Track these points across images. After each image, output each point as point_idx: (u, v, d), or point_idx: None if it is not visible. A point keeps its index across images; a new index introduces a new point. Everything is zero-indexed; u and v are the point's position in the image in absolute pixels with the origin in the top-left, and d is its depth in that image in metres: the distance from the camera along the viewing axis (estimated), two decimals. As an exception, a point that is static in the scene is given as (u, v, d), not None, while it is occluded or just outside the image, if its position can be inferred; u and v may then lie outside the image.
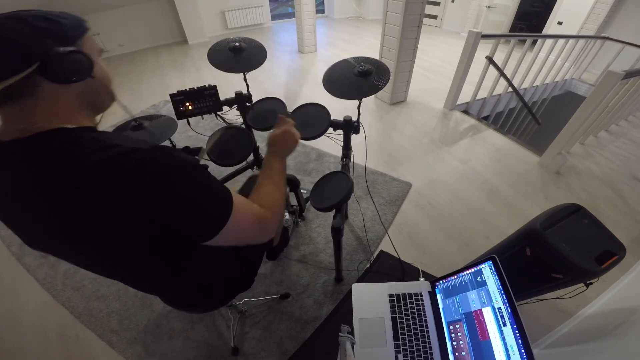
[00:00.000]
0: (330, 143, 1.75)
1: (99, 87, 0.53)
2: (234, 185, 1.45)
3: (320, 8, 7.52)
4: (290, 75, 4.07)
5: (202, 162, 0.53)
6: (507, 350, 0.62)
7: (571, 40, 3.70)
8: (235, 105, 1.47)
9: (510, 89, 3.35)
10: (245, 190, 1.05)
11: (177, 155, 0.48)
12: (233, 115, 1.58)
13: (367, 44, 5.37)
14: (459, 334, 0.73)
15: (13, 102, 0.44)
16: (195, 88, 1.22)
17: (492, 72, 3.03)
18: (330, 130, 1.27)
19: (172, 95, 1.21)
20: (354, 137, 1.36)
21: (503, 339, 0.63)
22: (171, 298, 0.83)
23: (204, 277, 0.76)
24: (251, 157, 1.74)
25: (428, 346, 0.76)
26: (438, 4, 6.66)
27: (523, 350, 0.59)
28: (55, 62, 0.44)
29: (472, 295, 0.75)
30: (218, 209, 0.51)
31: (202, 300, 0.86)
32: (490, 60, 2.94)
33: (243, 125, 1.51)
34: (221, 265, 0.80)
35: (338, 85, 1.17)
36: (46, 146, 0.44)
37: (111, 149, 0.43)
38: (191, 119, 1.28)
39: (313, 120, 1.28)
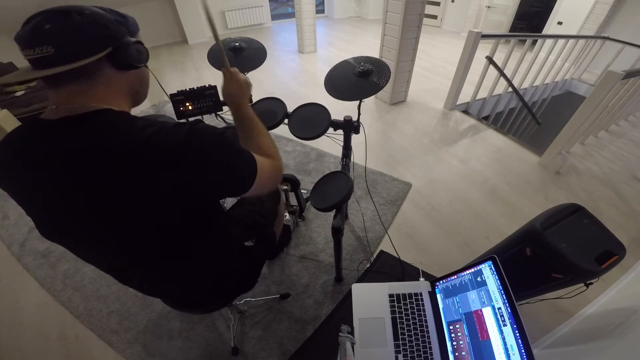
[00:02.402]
0: (330, 143, 1.74)
1: (145, 77, 0.61)
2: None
3: (320, 8, 7.51)
4: (290, 75, 4.07)
5: None
6: (507, 350, 0.62)
7: (571, 40, 3.70)
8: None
9: (510, 89, 3.35)
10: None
11: (214, 129, 0.53)
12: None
13: (367, 44, 5.37)
14: (459, 334, 0.73)
15: (72, 82, 0.48)
16: (195, 88, 1.22)
17: (492, 72, 3.03)
18: (331, 130, 1.27)
19: (172, 95, 1.20)
20: (354, 137, 1.36)
21: (503, 339, 0.63)
22: (174, 298, 0.83)
23: (209, 276, 0.76)
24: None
25: (428, 346, 0.76)
26: (438, 4, 6.66)
27: (523, 350, 0.59)
28: (124, 50, 0.51)
29: (472, 295, 0.75)
30: (250, 169, 0.58)
31: (206, 300, 0.86)
32: (490, 60, 2.94)
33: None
34: (226, 263, 0.80)
35: (339, 87, 1.16)
36: (102, 121, 0.48)
37: (160, 124, 0.48)
38: (191, 119, 1.28)
39: (313, 120, 1.28)
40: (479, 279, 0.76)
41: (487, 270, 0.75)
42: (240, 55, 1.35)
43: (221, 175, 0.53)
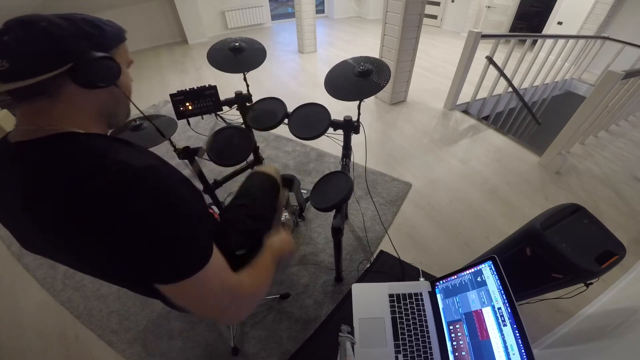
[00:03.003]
0: (330, 143, 1.75)
1: (119, 97, 0.53)
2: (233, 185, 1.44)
3: (320, 8, 7.51)
4: (290, 75, 4.07)
5: (202, 159, 0.52)
6: (507, 350, 0.62)
7: (571, 40, 3.70)
8: (235, 105, 1.47)
9: (510, 89, 3.35)
10: (245, 186, 1.02)
11: (175, 182, 0.46)
12: (233, 115, 1.58)
13: (367, 44, 5.37)
14: (459, 333, 0.73)
15: (32, 100, 0.44)
16: (195, 88, 1.22)
17: (492, 72, 3.03)
18: (331, 130, 1.26)
19: (172, 95, 1.20)
20: (354, 137, 1.36)
21: (503, 339, 0.63)
22: (168, 305, 0.82)
23: None
24: (251, 157, 1.73)
25: (428, 346, 0.76)
26: (438, 4, 6.66)
27: (523, 350, 0.59)
28: (86, 66, 0.44)
29: (472, 295, 0.75)
30: (191, 251, 0.45)
31: None
32: (490, 60, 2.94)
33: (243, 125, 1.51)
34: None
35: (339, 87, 1.16)
36: (56, 149, 0.43)
37: (108, 160, 0.42)
38: (191, 119, 1.28)
39: (313, 120, 1.28)
40: (479, 279, 0.76)
41: (487, 270, 0.75)
42: (240, 55, 1.36)
43: (138, 235, 0.41)
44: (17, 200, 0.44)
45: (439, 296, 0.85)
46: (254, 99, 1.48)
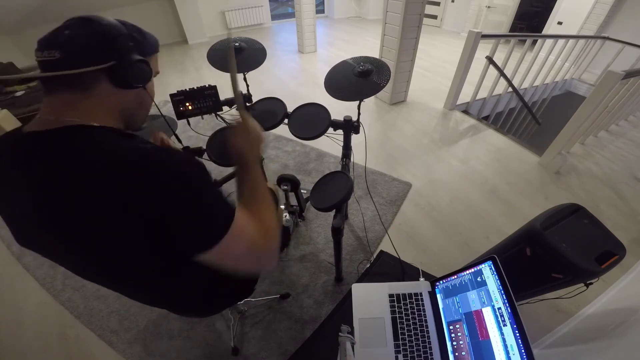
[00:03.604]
0: (330, 143, 1.74)
1: (143, 100, 0.57)
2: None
3: (320, 8, 7.51)
4: (290, 75, 4.07)
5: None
6: (507, 350, 0.62)
7: (571, 40, 3.70)
8: (235, 105, 1.47)
9: (510, 89, 3.35)
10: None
11: (187, 157, 0.46)
12: (233, 116, 1.58)
13: (367, 44, 5.37)
14: (459, 334, 0.73)
15: (65, 91, 0.46)
16: (195, 88, 1.22)
17: (492, 72, 3.03)
18: (330, 130, 1.26)
19: (172, 95, 1.20)
20: (354, 137, 1.36)
21: (503, 339, 0.63)
22: (167, 308, 0.82)
23: (197, 293, 0.73)
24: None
25: (428, 346, 0.76)
26: (438, 4, 6.66)
27: (523, 350, 0.59)
28: (125, 66, 0.49)
29: (472, 295, 0.75)
30: (222, 210, 0.47)
31: (199, 310, 0.84)
32: (490, 60, 2.94)
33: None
34: (214, 281, 0.75)
35: (339, 87, 1.16)
36: (68, 142, 0.44)
37: (126, 151, 0.43)
38: (191, 119, 1.28)
39: (313, 120, 1.28)
40: (479, 279, 0.76)
41: (487, 270, 0.75)
42: (240, 55, 1.35)
43: (178, 210, 0.42)
44: (26, 194, 0.45)
45: (439, 296, 0.85)
46: (254, 99, 1.48)
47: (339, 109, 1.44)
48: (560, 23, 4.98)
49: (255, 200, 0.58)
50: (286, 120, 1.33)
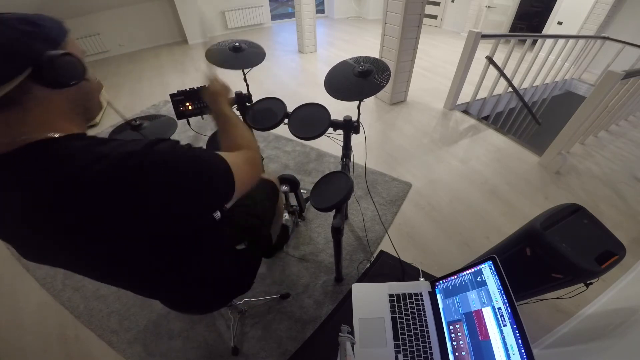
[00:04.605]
0: (330, 143, 1.74)
1: (88, 91, 0.52)
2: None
3: (320, 8, 7.51)
4: (290, 75, 4.07)
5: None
6: (507, 350, 0.62)
7: (571, 40, 3.70)
8: (235, 105, 1.47)
9: (510, 89, 3.35)
10: None
11: (168, 148, 0.48)
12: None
13: (367, 44, 5.37)
14: (459, 334, 0.73)
15: (5, 111, 0.41)
16: (195, 88, 1.22)
17: (492, 72, 3.03)
18: (330, 130, 1.27)
19: (172, 95, 1.20)
20: (354, 137, 1.36)
21: (503, 339, 0.63)
22: (170, 301, 0.83)
23: (202, 280, 0.76)
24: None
25: (428, 346, 0.76)
26: (438, 4, 6.66)
27: (523, 350, 0.59)
28: (49, 66, 0.42)
29: (472, 295, 0.75)
30: (223, 181, 0.54)
31: (199, 304, 0.86)
32: (490, 60, 2.94)
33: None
34: (215, 271, 0.79)
35: (339, 87, 1.16)
36: (37, 160, 0.42)
37: (106, 158, 0.42)
38: (191, 119, 1.28)
39: (313, 120, 1.28)
40: (479, 279, 0.76)
41: (487, 270, 0.75)
42: (240, 53, 1.35)
43: (191, 190, 0.49)
44: (13, 213, 0.44)
45: (439, 296, 0.85)
46: (254, 99, 1.48)
47: (338, 109, 1.44)
48: (560, 23, 4.98)
49: (235, 126, 0.74)
50: (286, 120, 1.33)
